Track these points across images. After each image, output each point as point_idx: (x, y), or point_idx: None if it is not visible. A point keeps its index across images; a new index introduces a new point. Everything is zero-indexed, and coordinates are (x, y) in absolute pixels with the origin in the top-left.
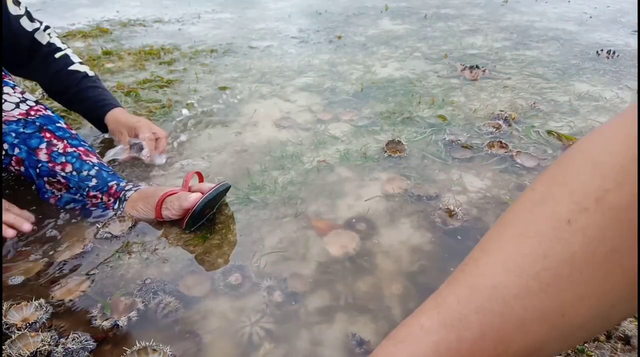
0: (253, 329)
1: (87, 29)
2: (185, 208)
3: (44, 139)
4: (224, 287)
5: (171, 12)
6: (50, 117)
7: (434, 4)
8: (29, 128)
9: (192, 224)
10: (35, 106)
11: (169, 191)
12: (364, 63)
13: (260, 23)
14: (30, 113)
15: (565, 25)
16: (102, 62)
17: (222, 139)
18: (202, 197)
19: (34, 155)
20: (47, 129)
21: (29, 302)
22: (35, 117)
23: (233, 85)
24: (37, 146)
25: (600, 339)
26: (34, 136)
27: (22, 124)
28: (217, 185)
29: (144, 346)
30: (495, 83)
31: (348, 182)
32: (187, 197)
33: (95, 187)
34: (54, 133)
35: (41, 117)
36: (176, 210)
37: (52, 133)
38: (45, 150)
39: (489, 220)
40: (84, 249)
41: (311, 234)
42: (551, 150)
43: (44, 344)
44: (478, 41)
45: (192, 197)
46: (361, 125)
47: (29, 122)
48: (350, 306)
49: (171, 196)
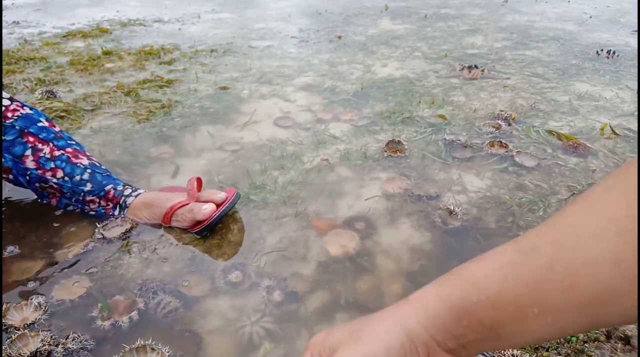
0: (253, 328)
1: (87, 28)
2: (199, 220)
3: (28, 145)
4: (224, 285)
5: (171, 12)
6: (30, 116)
7: (434, 4)
8: (10, 134)
9: (203, 231)
10: (11, 105)
11: (177, 204)
12: (364, 63)
13: (260, 23)
14: (7, 115)
15: (565, 25)
16: (102, 62)
17: (222, 139)
18: (217, 210)
19: (21, 164)
20: (29, 133)
21: (29, 302)
22: (14, 119)
23: (233, 85)
24: (22, 154)
25: (600, 339)
26: (16, 143)
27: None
28: (230, 197)
29: (143, 344)
30: (495, 83)
31: (348, 181)
32: (201, 210)
33: (91, 191)
34: (37, 136)
35: (20, 118)
36: (188, 222)
37: (35, 136)
38: (31, 157)
39: (489, 220)
40: (84, 249)
41: (311, 233)
42: (551, 150)
43: (44, 344)
44: (478, 41)
45: (206, 210)
46: (361, 125)
47: (8, 127)
48: (351, 306)
49: (182, 209)
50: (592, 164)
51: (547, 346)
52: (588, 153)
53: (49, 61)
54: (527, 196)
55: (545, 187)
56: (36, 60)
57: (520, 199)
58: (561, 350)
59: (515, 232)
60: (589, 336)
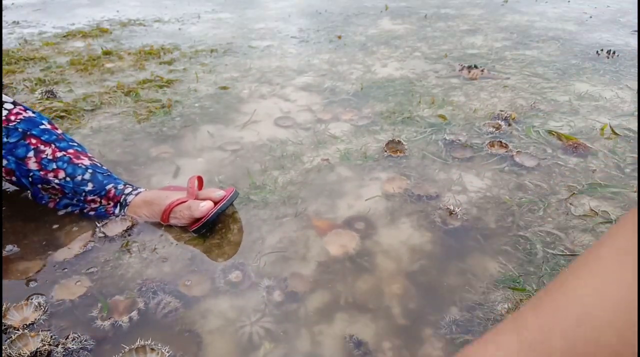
0: (253, 328)
1: (87, 28)
2: (197, 217)
3: (31, 147)
4: (224, 285)
5: (171, 12)
6: (32, 119)
7: (434, 4)
8: (13, 136)
9: (201, 229)
10: (14, 109)
11: (176, 201)
12: (364, 63)
13: (260, 23)
14: (10, 118)
15: (565, 25)
16: (102, 62)
17: (222, 138)
18: (214, 207)
19: (24, 165)
20: (32, 135)
21: (29, 301)
22: (16, 122)
23: (233, 85)
24: (24, 155)
25: None
26: (19, 145)
27: (4, 132)
28: (228, 194)
29: (142, 344)
30: (495, 83)
31: (348, 181)
32: (199, 207)
33: (92, 191)
34: (40, 138)
35: (23, 121)
36: (186, 219)
37: (37, 138)
38: (34, 159)
39: (489, 220)
40: (84, 249)
41: (311, 233)
42: (551, 150)
43: (44, 344)
44: (478, 41)
45: (204, 207)
46: (361, 124)
47: (11, 129)
48: (351, 306)
49: (180, 206)
50: (592, 164)
51: None
52: (588, 153)
53: (49, 61)
54: (527, 196)
55: (545, 187)
56: (36, 60)
57: (520, 199)
58: None
59: (515, 232)
60: None
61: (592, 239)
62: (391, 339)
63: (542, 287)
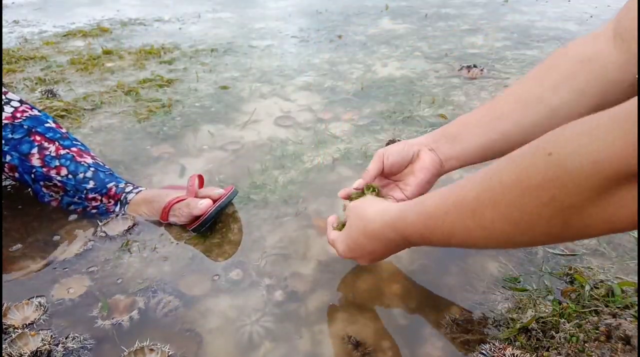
0: (253, 327)
1: (87, 28)
2: (195, 215)
3: (35, 144)
4: (224, 284)
5: (171, 11)
6: (38, 117)
7: (435, 4)
8: (18, 133)
9: (200, 227)
10: (21, 107)
11: (175, 198)
12: (365, 62)
13: (260, 22)
14: (16, 116)
15: (566, 24)
16: (103, 62)
17: (223, 138)
18: (213, 204)
19: (27, 161)
20: (37, 132)
21: (29, 301)
22: (22, 119)
23: (233, 85)
24: (28, 152)
25: (600, 339)
26: (24, 141)
27: (9, 129)
28: (227, 192)
29: (142, 346)
30: (495, 82)
31: (348, 181)
32: (197, 205)
33: (93, 189)
34: (44, 135)
35: (28, 118)
36: (185, 217)
37: (42, 135)
38: (37, 155)
39: None
40: (84, 248)
41: (312, 233)
42: None
43: (44, 343)
44: (478, 41)
45: (202, 205)
46: (361, 124)
47: (17, 126)
48: (351, 305)
49: (179, 203)
50: None
51: (548, 345)
52: None
53: (49, 60)
54: None
55: None
56: (36, 60)
57: None
58: (561, 350)
59: None
60: (589, 336)
61: (593, 239)
62: (391, 338)
63: (542, 286)
